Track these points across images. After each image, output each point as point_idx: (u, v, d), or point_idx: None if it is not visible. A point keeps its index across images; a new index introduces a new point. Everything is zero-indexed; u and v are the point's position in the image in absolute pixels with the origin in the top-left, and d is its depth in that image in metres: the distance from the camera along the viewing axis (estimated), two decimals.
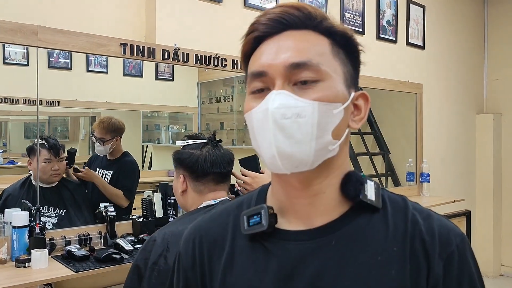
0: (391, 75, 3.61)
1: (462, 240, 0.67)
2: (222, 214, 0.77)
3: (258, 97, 0.65)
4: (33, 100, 2.09)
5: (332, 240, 0.66)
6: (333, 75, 0.65)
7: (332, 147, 0.65)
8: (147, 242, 1.38)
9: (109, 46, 2.16)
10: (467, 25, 4.59)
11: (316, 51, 0.65)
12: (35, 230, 1.89)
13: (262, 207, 0.68)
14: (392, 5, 3.73)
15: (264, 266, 0.67)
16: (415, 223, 0.67)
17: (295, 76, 0.63)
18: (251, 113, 0.65)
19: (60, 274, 1.75)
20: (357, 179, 0.68)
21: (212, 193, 1.47)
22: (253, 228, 0.68)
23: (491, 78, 4.80)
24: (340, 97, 0.65)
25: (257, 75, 0.66)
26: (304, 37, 0.66)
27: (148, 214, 2.32)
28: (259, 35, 0.67)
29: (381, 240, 0.66)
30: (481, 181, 4.69)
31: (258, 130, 0.64)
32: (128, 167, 2.52)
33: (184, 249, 0.76)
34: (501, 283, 4.52)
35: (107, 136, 2.46)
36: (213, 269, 0.72)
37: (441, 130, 4.27)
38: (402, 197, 0.72)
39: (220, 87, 3.19)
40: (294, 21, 0.66)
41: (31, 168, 2.20)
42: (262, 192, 0.76)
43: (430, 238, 0.66)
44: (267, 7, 2.86)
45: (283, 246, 0.67)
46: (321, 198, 0.67)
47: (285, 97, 0.62)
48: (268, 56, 0.65)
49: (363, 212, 0.68)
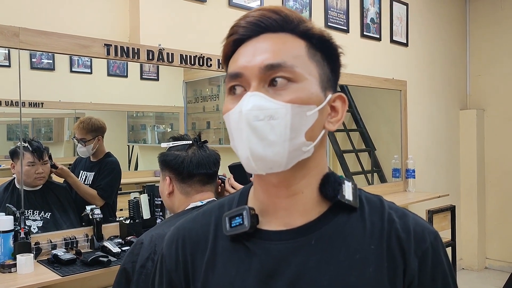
0: (376, 72, 3.64)
1: (435, 238, 0.70)
2: (204, 215, 0.77)
3: (235, 98, 0.66)
4: (16, 102, 2.06)
5: (312, 240, 0.67)
6: (308, 77, 0.66)
7: (306, 149, 0.66)
8: (134, 245, 1.37)
9: (92, 47, 2.14)
10: (450, 22, 4.64)
11: (291, 53, 0.66)
12: (20, 235, 1.87)
13: (244, 208, 0.70)
14: (376, 3, 3.75)
15: (245, 266, 0.69)
16: (391, 222, 0.69)
17: (269, 78, 0.64)
18: (228, 114, 0.66)
19: (46, 278, 1.73)
20: (335, 179, 0.70)
21: (199, 194, 1.46)
22: (235, 229, 0.69)
23: (473, 74, 4.87)
24: (314, 99, 0.66)
25: (234, 76, 0.67)
26: (280, 40, 0.67)
27: (135, 215, 2.30)
28: (238, 38, 0.68)
29: (359, 238, 0.68)
30: (465, 176, 4.76)
31: (235, 131, 0.65)
32: (107, 166, 2.49)
33: (168, 251, 0.77)
34: (486, 275, 4.60)
35: (87, 136, 2.44)
36: (196, 269, 0.73)
37: (425, 126, 4.32)
38: (378, 197, 0.74)
39: (206, 86, 3.18)
40: (271, 24, 0.67)
41: (15, 171, 2.17)
42: (243, 193, 0.77)
43: (406, 235, 0.68)
44: (252, 6, 2.86)
45: (265, 246, 0.68)
46: (300, 198, 0.69)
47: (259, 98, 0.63)
48: (245, 58, 0.66)
49: (341, 212, 0.69)
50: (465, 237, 4.69)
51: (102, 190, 2.42)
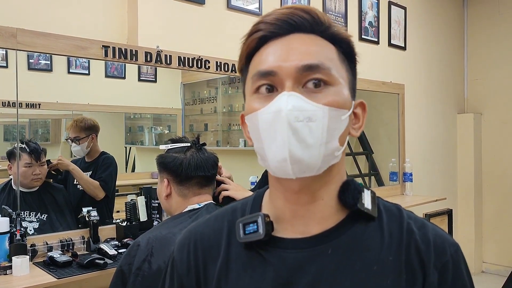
0: (374, 75, 3.64)
1: (456, 250, 0.68)
2: (216, 219, 0.75)
3: (264, 97, 0.63)
4: (13, 103, 2.05)
5: (329, 249, 0.65)
6: (341, 81, 0.64)
7: (338, 153, 0.64)
8: (131, 247, 1.37)
9: (90, 48, 2.13)
10: (447, 26, 4.66)
11: (326, 55, 0.64)
12: (15, 237, 1.85)
13: (258, 215, 0.67)
14: (374, 6, 3.76)
15: (260, 275, 0.67)
16: (411, 232, 0.67)
17: (305, 79, 0.62)
18: (256, 114, 0.63)
19: (42, 281, 1.72)
20: (355, 187, 0.68)
21: (197, 197, 1.46)
22: (249, 236, 0.67)
23: (471, 78, 4.88)
24: (347, 104, 0.65)
25: (265, 75, 0.63)
26: (314, 41, 0.65)
27: (132, 218, 2.29)
28: (265, 35, 0.65)
29: (376, 249, 0.66)
30: (463, 179, 4.76)
31: (266, 132, 0.62)
32: (105, 161, 2.50)
33: (179, 255, 0.75)
34: (482, 279, 4.60)
35: (81, 134, 2.44)
36: (208, 275, 0.71)
37: (423, 129, 4.32)
38: (396, 206, 0.72)
39: (203, 88, 3.18)
40: (302, 24, 0.65)
41: (11, 172, 2.16)
42: (257, 198, 0.75)
43: (425, 247, 0.66)
44: (250, 9, 2.86)
45: (280, 255, 0.66)
46: (319, 205, 0.67)
47: (298, 99, 0.60)
48: (278, 57, 0.63)
49: (359, 220, 0.67)
50: (462, 241, 4.69)
51: (104, 182, 2.42)
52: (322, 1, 3.34)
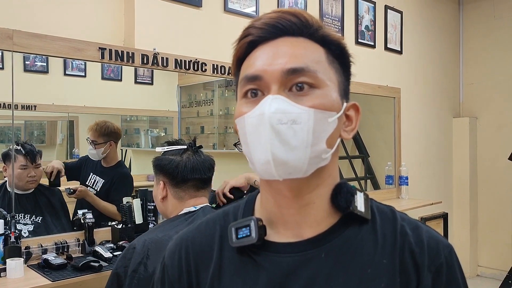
0: (370, 79, 3.65)
1: (450, 252, 0.68)
2: (208, 224, 0.75)
3: (251, 101, 0.64)
4: (8, 104, 2.04)
5: (322, 253, 0.65)
6: (328, 83, 0.64)
7: (325, 156, 0.64)
8: (126, 250, 1.36)
9: (86, 50, 2.13)
10: (443, 31, 4.68)
11: (312, 58, 0.64)
12: (10, 239, 1.85)
13: (251, 219, 0.67)
14: (370, 10, 3.78)
15: (253, 279, 0.66)
16: (404, 235, 0.67)
17: (290, 82, 0.62)
18: (243, 118, 0.64)
19: (36, 283, 1.71)
20: (348, 190, 0.67)
21: (193, 199, 1.46)
22: (242, 241, 0.67)
23: (467, 83, 4.90)
24: (335, 106, 0.65)
25: (251, 79, 0.64)
26: (301, 44, 0.65)
27: (127, 220, 2.29)
28: (254, 40, 0.66)
29: (370, 252, 0.65)
30: (458, 183, 4.78)
31: (252, 135, 0.62)
32: (122, 180, 2.48)
33: (170, 261, 0.74)
34: (477, 283, 4.61)
35: (99, 139, 2.43)
36: (200, 280, 0.70)
37: (419, 133, 4.34)
38: (390, 207, 0.72)
39: (200, 90, 3.18)
40: (290, 27, 0.65)
41: (7, 174, 2.15)
42: (249, 202, 0.74)
43: (419, 249, 0.66)
44: (247, 12, 2.87)
45: (273, 259, 0.66)
46: (311, 208, 0.67)
47: (282, 102, 0.61)
48: (264, 61, 0.64)
49: (352, 223, 0.67)
50: (457, 244, 4.70)
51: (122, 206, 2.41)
52: (319, 5, 3.35)
